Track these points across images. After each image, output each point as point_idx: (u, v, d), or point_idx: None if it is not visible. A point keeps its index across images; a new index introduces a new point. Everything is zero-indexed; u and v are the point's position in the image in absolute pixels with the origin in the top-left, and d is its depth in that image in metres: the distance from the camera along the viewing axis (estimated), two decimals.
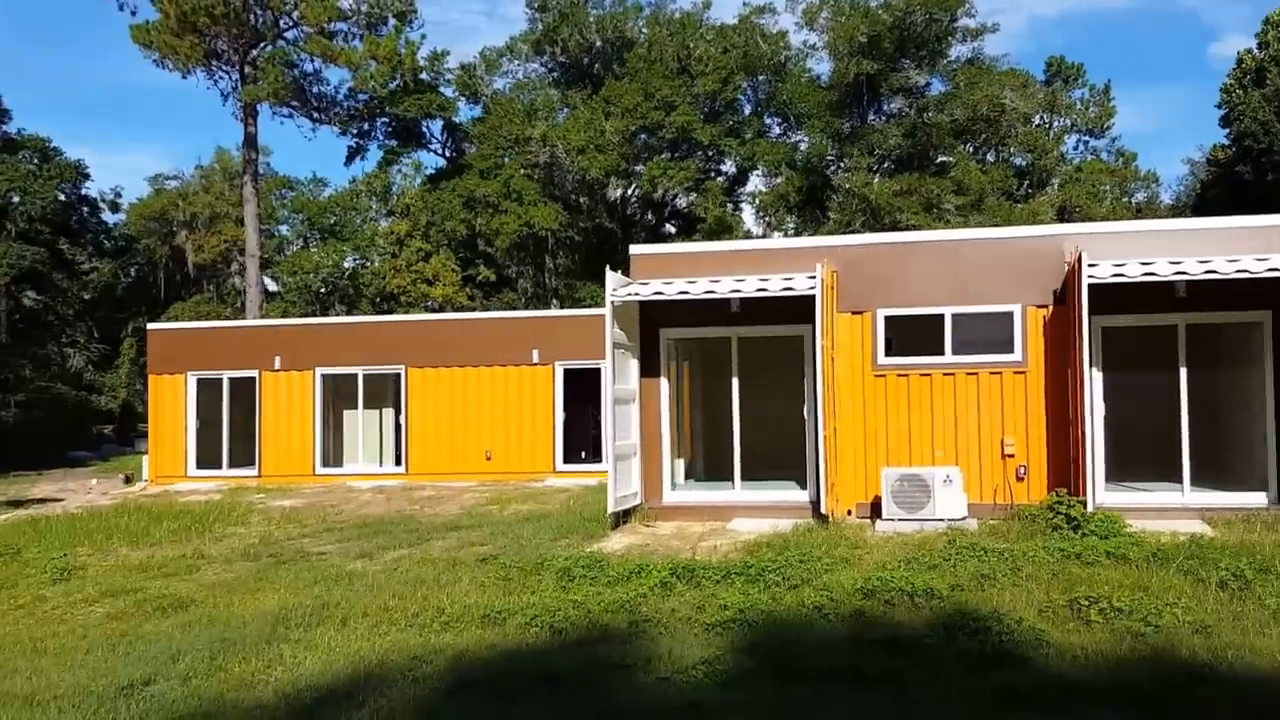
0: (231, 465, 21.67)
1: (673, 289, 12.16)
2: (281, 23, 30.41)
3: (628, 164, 35.39)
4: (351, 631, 8.24)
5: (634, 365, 12.98)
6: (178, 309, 56.92)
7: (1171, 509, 11.86)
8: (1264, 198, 43.19)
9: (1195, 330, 12.34)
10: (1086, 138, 51.77)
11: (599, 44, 39.14)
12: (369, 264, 53.80)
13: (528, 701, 6.41)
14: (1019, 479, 12.28)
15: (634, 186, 36.14)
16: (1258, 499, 11.90)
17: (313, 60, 29.90)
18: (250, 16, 29.27)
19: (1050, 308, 12.30)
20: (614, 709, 6.20)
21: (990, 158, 50.40)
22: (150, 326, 22.74)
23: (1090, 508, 11.08)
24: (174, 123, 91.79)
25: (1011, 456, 12.32)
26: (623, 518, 12.71)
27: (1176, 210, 58.09)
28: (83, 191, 52.02)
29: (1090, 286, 11.74)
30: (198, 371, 21.74)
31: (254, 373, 21.35)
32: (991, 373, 12.44)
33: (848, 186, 33.72)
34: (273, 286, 58.76)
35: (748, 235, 36.62)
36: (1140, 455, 13.08)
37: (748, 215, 40.77)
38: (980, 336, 12.47)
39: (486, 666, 7.19)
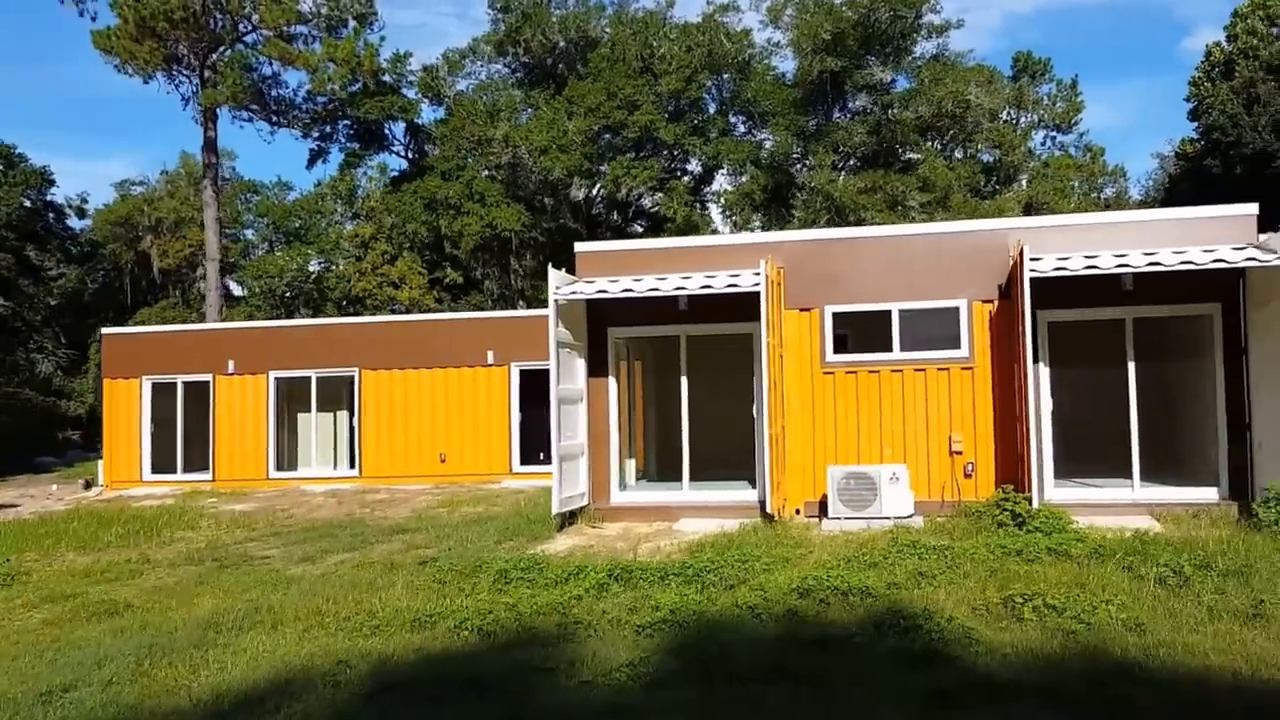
0: (187, 470, 21.35)
1: (617, 287, 12.01)
2: (241, 26, 30.01)
3: (591, 164, 35.21)
4: (280, 636, 8.12)
5: (581, 365, 12.81)
6: (144, 314, 56.25)
7: (1121, 505, 11.83)
8: (1232, 191, 43.53)
9: (1144, 324, 12.32)
10: (1054, 133, 52.13)
11: (562, 44, 38.96)
12: (334, 267, 53.48)
13: (445, 705, 6.28)
14: (967, 476, 12.21)
15: (599, 186, 35.92)
16: (1209, 494, 11.89)
17: (271, 63, 29.53)
18: (210, 21, 28.86)
19: (996, 303, 12.25)
20: (531, 713, 6.06)
21: (959, 154, 50.74)
22: (105, 331, 22.35)
23: (1036, 504, 11.02)
24: (142, 128, 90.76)
25: (959, 453, 12.24)
26: (570, 519, 12.55)
27: (1145, 205, 58.65)
28: (48, 198, 51.48)
29: (1032, 280, 11.72)
30: (152, 375, 21.39)
31: (208, 377, 21.02)
32: (939, 369, 12.37)
33: (812, 184, 33.66)
34: (238, 290, 58.36)
35: (714, 234, 36.49)
36: (1091, 451, 13.07)
37: (715, 214, 40.74)
38: (927, 332, 12.40)
39: (410, 670, 7.05)
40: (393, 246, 39.28)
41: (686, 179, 41.49)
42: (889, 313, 12.45)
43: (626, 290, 11.90)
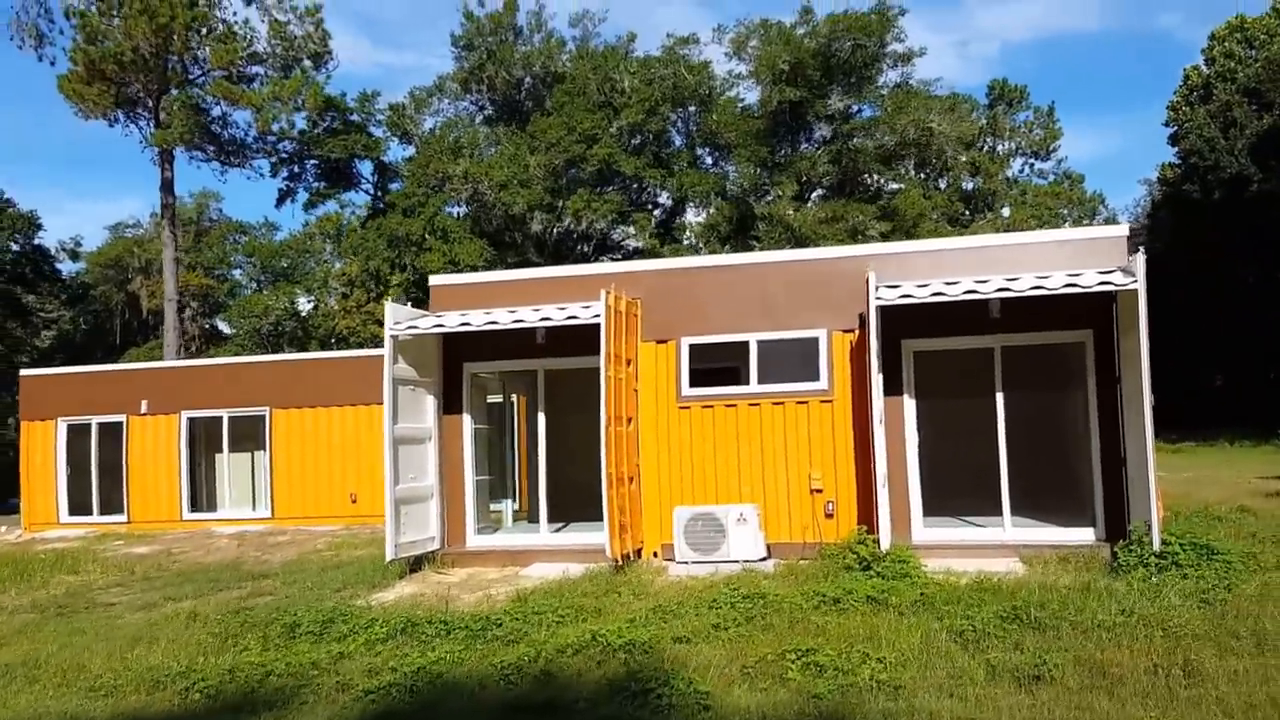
0: (103, 512, 20.92)
1: (453, 320, 11.51)
2: (191, 68, 30.00)
3: (553, 198, 34.89)
4: (27, 694, 7.80)
5: (431, 402, 12.28)
6: (132, 354, 56.41)
7: (989, 546, 11.14)
8: (1211, 215, 42.76)
9: (1016, 352, 11.68)
10: (1033, 160, 51.50)
11: (527, 80, 38.86)
12: (321, 305, 53.44)
13: None
14: (828, 516, 11.56)
15: (565, 220, 35.57)
16: (1084, 535, 11.20)
17: (219, 103, 29.46)
18: (161, 63, 28.84)
19: (857, 332, 11.65)
20: None
21: (943, 183, 50.24)
22: (24, 372, 22.07)
23: (886, 546, 10.35)
24: (136, 170, 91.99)
25: (819, 492, 11.60)
26: (418, 564, 11.97)
27: (1133, 232, 57.76)
28: (36, 241, 51.83)
29: (897, 309, 11.16)
30: (68, 417, 21.05)
31: (122, 417, 20.63)
32: (798, 402, 11.76)
33: (772, 215, 33.17)
34: (226, 329, 58.46)
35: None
36: (971, 487, 12.35)
37: (688, 246, 40.24)
38: (787, 364, 11.82)
39: None
40: (377, 284, 39.06)
41: (658, 211, 41.16)
42: (747, 344, 11.87)
43: (464, 324, 11.39)
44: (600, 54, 37.21)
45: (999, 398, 11.51)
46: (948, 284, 11.06)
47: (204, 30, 28.80)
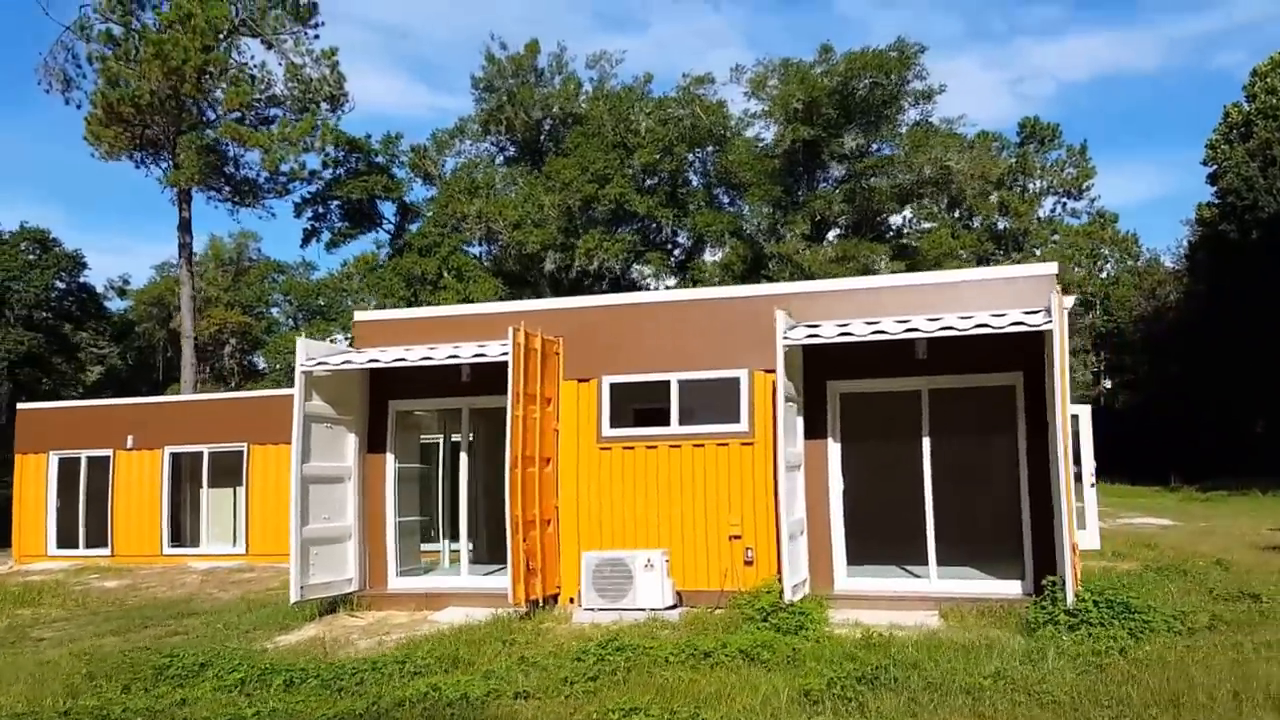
0: (88, 545, 21.11)
1: (361, 357, 11.41)
2: (208, 110, 30.79)
3: (566, 238, 34.97)
4: None
5: (351, 440, 12.15)
6: (174, 388, 57.76)
7: (910, 597, 10.64)
8: (1250, 256, 41.28)
9: (945, 395, 11.22)
10: (1064, 199, 50.40)
11: (547, 122, 39.19)
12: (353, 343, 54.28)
13: None
14: (747, 563, 11.14)
15: (576, 259, 35.60)
16: (1012, 588, 10.64)
17: (230, 145, 30.12)
18: (176, 105, 29.63)
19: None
20: None
21: (976, 223, 49.44)
22: (20, 406, 22.50)
23: (790, 596, 9.91)
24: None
25: (738, 538, 11.19)
26: (334, 606, 11.78)
27: (1177, 275, 56.16)
28: (81, 279, 53.30)
29: (818, 349, 10.83)
30: (59, 451, 21.38)
31: (109, 452, 20.90)
32: (719, 444, 11.40)
33: (782, 254, 32.82)
34: (263, 365, 59.57)
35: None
36: (910, 534, 11.83)
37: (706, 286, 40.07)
38: (708, 405, 11.48)
39: None
40: None
41: (678, 251, 41.07)
42: (668, 383, 11.57)
43: (372, 360, 11.29)
44: (616, 95, 37.38)
45: (925, 442, 11.06)
46: (869, 324, 10.68)
47: (217, 73, 29.50)
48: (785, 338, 10.22)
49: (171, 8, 30.09)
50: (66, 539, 21.30)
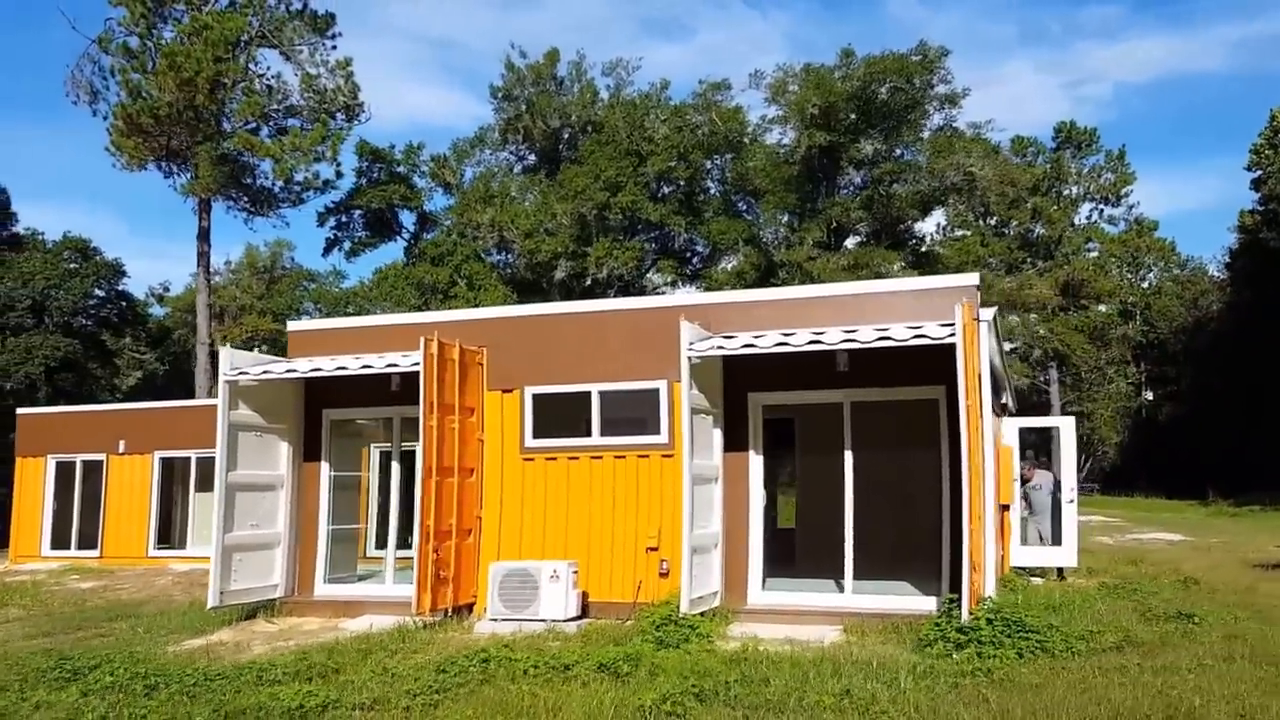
0: (80, 546, 21.61)
1: (281, 367, 11.47)
2: (224, 121, 31.37)
3: (578, 246, 35.01)
4: None
5: (284, 449, 12.22)
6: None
7: (818, 612, 10.38)
8: None
9: (868, 408, 10.95)
10: (1101, 206, 49.14)
11: (565, 130, 39.30)
12: None
13: None
14: (662, 575, 10.95)
15: (588, 267, 35.61)
16: (927, 604, 10.31)
17: (243, 154, 30.68)
18: (192, 115, 30.25)
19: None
20: None
21: (1011, 230, 48.50)
22: (20, 411, 23.10)
23: (686, 610, 9.72)
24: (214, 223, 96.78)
25: (655, 549, 11.01)
26: (255, 611, 11.84)
27: (1220, 285, 54.47)
28: (120, 287, 54.57)
29: (739, 360, 10.65)
30: (56, 454, 21.91)
31: (102, 455, 21.36)
32: (639, 455, 11.25)
33: (793, 262, 32.48)
34: None
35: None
36: (825, 549, 11.55)
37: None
38: (629, 416, 11.34)
39: None
40: None
41: (695, 260, 40.90)
42: (589, 394, 11.45)
43: (290, 370, 11.34)
44: (631, 102, 37.35)
45: (847, 456, 10.79)
46: (785, 334, 10.47)
47: (230, 84, 30.06)
48: (690, 349, 10.04)
49: (190, 19, 30.77)
50: (60, 540, 21.81)
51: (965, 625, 8.75)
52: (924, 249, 39.71)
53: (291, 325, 12.93)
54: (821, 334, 10.07)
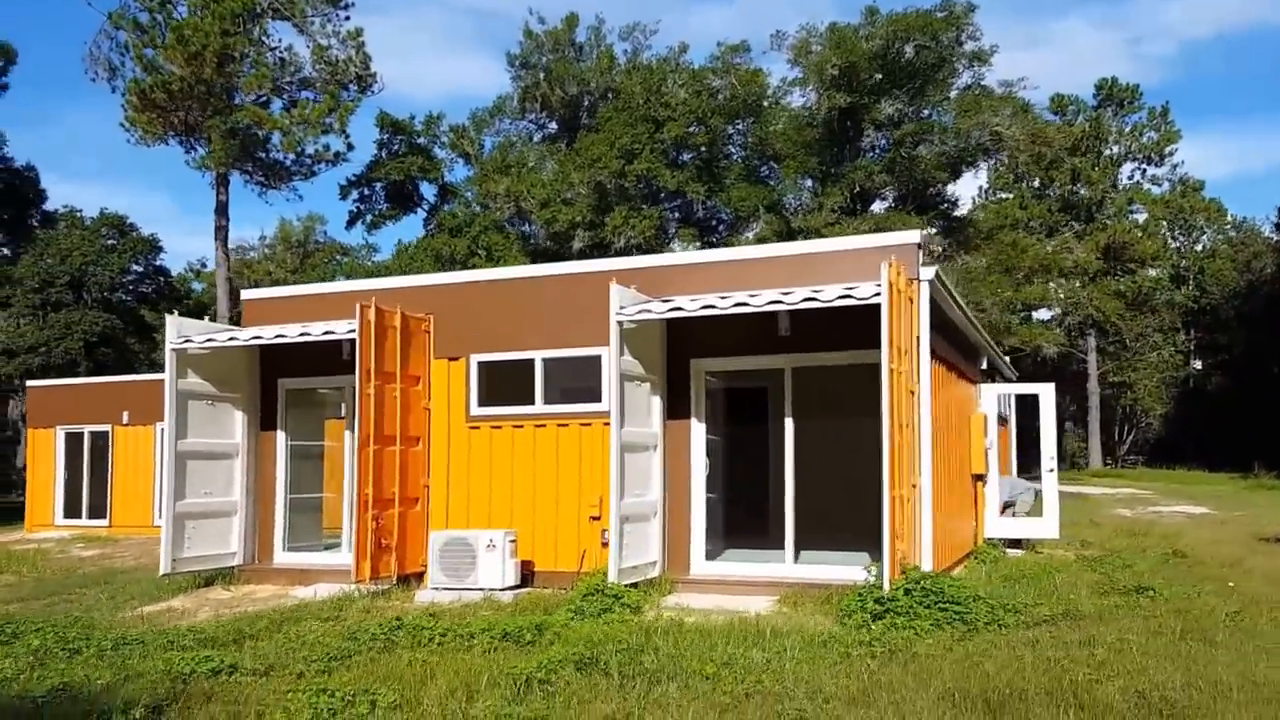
0: (90, 515, 22.11)
1: (224, 335, 11.48)
2: (236, 95, 31.54)
3: (596, 215, 34.76)
4: None
5: (239, 418, 12.27)
6: None
7: (760, 582, 10.17)
8: None
9: (811, 373, 10.66)
10: (1144, 166, 47.46)
11: (585, 97, 38.94)
12: None
13: None
14: (604, 544, 10.77)
15: (608, 236, 35.34)
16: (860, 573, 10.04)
17: (253, 128, 30.80)
18: (203, 89, 30.45)
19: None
20: None
21: (1054, 191, 47.21)
22: (30, 384, 23.63)
23: (615, 579, 9.58)
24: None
25: (597, 519, 10.87)
26: (211, 579, 11.96)
27: (1275, 246, 52.49)
28: (157, 263, 55.55)
29: (684, 322, 10.47)
30: (65, 426, 22.39)
31: (108, 427, 21.78)
32: (582, 424, 11.08)
33: (813, 228, 31.91)
34: None
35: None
36: (773, 518, 11.32)
37: None
38: (572, 384, 11.17)
39: None
40: None
41: (721, 227, 40.41)
42: (532, 362, 11.30)
43: (232, 339, 11.34)
44: (649, 67, 36.85)
45: (788, 423, 10.53)
46: (722, 297, 10.19)
47: (238, 56, 30.19)
48: (620, 312, 9.83)
49: None
50: (72, 509, 22.34)
51: (884, 596, 8.50)
52: (955, 213, 38.77)
53: (245, 294, 12.95)
54: (754, 296, 9.78)
